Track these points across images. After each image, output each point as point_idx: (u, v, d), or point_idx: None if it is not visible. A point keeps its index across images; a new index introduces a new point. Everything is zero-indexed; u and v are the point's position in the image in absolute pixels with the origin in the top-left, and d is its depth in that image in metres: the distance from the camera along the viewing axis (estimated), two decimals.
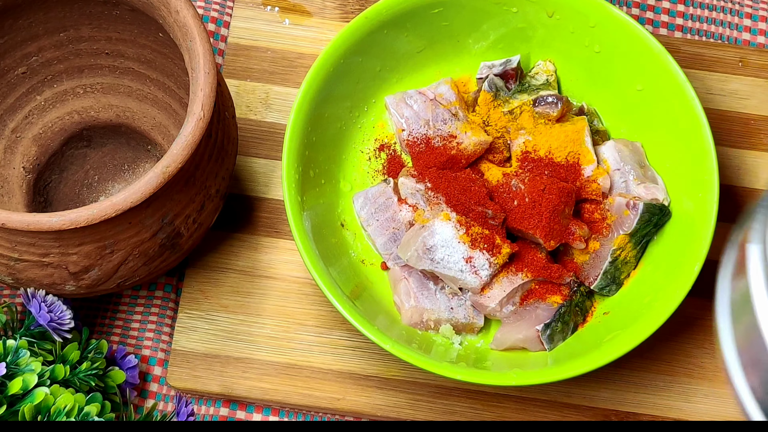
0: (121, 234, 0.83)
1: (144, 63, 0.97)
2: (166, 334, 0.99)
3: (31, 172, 0.99)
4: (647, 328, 0.87)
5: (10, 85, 0.97)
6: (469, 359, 0.91)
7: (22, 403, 0.82)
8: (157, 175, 0.80)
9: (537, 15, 0.96)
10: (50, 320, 0.88)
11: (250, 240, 0.99)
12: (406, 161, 0.98)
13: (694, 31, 1.09)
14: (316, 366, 0.96)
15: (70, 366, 0.88)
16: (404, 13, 0.95)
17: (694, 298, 0.98)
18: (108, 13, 0.94)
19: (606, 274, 0.92)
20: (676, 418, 0.96)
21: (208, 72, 0.82)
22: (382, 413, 0.96)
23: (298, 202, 0.90)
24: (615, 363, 0.88)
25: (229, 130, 0.90)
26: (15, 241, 0.82)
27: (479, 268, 0.90)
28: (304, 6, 1.06)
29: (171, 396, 0.98)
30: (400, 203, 0.95)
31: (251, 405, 0.97)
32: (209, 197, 0.88)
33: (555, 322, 0.91)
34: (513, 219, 0.91)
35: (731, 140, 1.04)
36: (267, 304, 0.98)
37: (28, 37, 0.95)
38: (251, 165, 1.02)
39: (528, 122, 0.95)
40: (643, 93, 0.95)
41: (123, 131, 1.01)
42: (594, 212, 0.94)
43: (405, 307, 0.92)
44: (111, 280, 0.86)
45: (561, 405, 0.96)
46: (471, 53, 1.00)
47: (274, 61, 1.04)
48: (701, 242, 0.89)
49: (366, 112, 0.99)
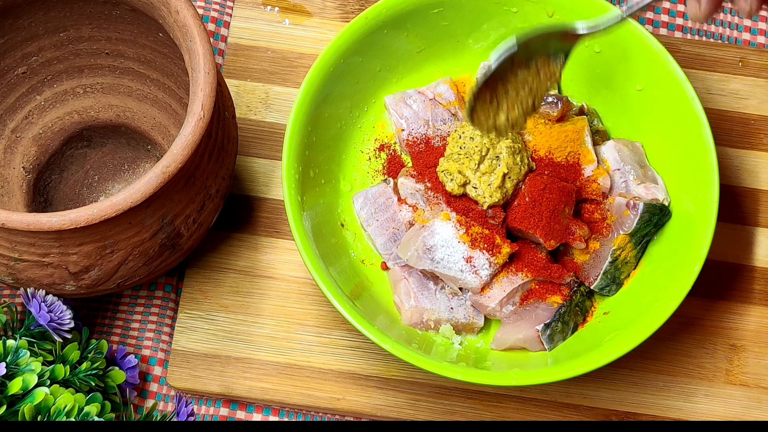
0: (121, 234, 0.83)
1: (144, 63, 0.97)
2: (166, 334, 0.99)
3: (31, 172, 0.99)
4: (647, 328, 0.87)
5: (10, 85, 0.97)
6: (469, 359, 0.91)
7: (22, 403, 0.82)
8: (157, 175, 0.80)
9: (537, 15, 0.96)
10: (50, 320, 0.88)
11: (250, 240, 1.00)
12: (406, 161, 0.98)
13: (694, 31, 1.09)
14: (316, 366, 0.96)
15: (70, 366, 0.88)
16: (404, 13, 0.95)
17: (694, 298, 0.98)
18: (108, 13, 0.94)
19: (606, 274, 0.92)
20: (676, 418, 0.96)
21: (208, 72, 0.82)
22: (382, 413, 0.96)
23: (298, 202, 0.90)
24: (615, 363, 0.88)
25: (229, 130, 0.90)
26: (15, 241, 0.82)
27: (479, 267, 0.90)
28: (304, 6, 1.06)
29: (171, 396, 0.98)
30: (400, 203, 0.95)
31: (251, 405, 0.97)
32: (209, 197, 0.88)
33: (555, 322, 0.91)
34: (513, 218, 0.91)
35: (731, 140, 1.04)
36: (267, 304, 0.98)
37: (28, 37, 0.95)
38: (251, 165, 1.02)
39: (528, 122, 0.95)
40: (643, 93, 0.95)
41: (123, 131, 1.01)
42: (594, 212, 0.94)
43: (405, 307, 0.92)
44: (111, 280, 0.86)
45: (561, 405, 0.96)
46: (471, 53, 1.00)
47: (274, 61, 1.04)
48: (701, 242, 0.89)
49: (366, 112, 0.99)
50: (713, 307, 0.99)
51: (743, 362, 0.98)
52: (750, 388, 0.97)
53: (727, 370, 0.98)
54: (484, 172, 0.91)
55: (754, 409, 0.97)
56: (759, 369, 0.97)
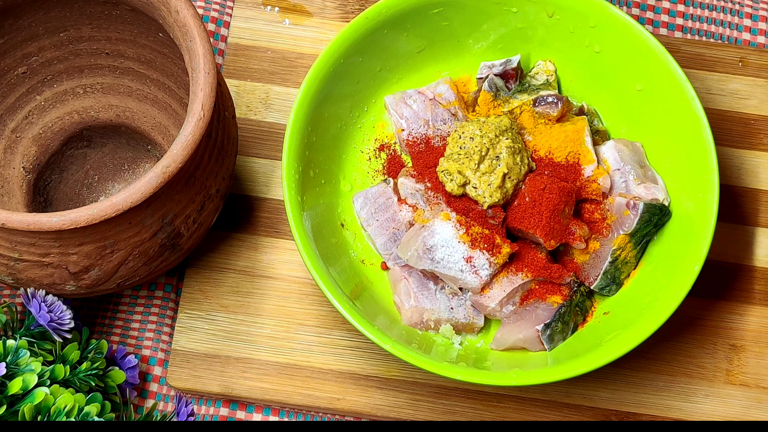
0: (121, 234, 0.83)
1: (144, 63, 0.97)
2: (166, 334, 0.99)
3: (31, 172, 0.99)
4: (647, 328, 0.87)
5: (10, 85, 0.97)
6: (469, 359, 0.91)
7: (22, 403, 0.82)
8: (157, 175, 0.80)
9: (537, 15, 0.96)
10: (50, 320, 0.88)
11: (250, 240, 1.00)
12: (406, 161, 0.98)
13: (694, 31, 1.09)
14: (316, 366, 0.96)
15: (70, 366, 0.88)
16: (404, 13, 0.95)
17: (694, 298, 0.98)
18: (108, 13, 0.94)
19: (606, 274, 0.92)
20: (676, 418, 0.96)
21: (208, 72, 0.82)
22: (382, 413, 0.96)
23: (298, 202, 0.90)
24: (615, 363, 0.88)
25: (229, 130, 0.90)
26: (15, 241, 0.82)
27: (479, 267, 0.90)
28: (304, 6, 1.06)
29: (171, 396, 0.98)
30: (400, 203, 0.95)
31: (251, 405, 0.97)
32: (209, 197, 0.88)
33: (555, 322, 0.91)
34: (513, 218, 0.91)
35: (731, 140, 1.04)
36: (267, 304, 0.98)
37: (28, 37, 0.95)
38: (251, 165, 1.02)
39: (528, 122, 0.95)
40: (643, 93, 0.95)
41: (123, 131, 1.01)
42: (594, 212, 0.94)
43: (405, 307, 0.92)
44: (111, 280, 0.86)
45: (561, 405, 0.97)
46: (471, 53, 1.00)
47: (274, 61, 1.04)
48: (701, 242, 0.89)
49: (366, 112, 0.99)
50: (713, 307, 0.99)
51: (743, 362, 0.98)
52: (750, 388, 0.97)
53: (727, 370, 0.98)
54: (484, 172, 0.91)
55: (754, 409, 0.97)
56: (759, 369, 0.97)
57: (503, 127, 0.92)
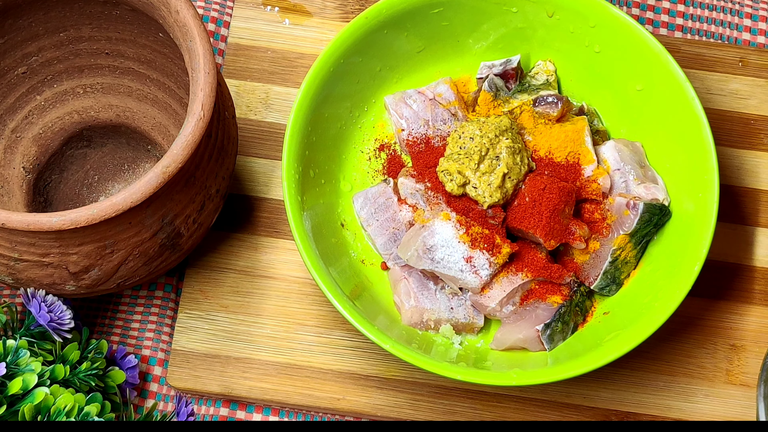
0: (121, 234, 0.83)
1: (144, 63, 0.97)
2: (166, 334, 0.99)
3: (31, 172, 0.99)
4: (647, 328, 0.87)
5: (10, 85, 0.97)
6: (469, 359, 0.91)
7: (22, 403, 0.82)
8: (157, 175, 0.80)
9: (537, 15, 0.96)
10: (50, 320, 0.88)
11: (250, 240, 1.00)
12: (406, 161, 0.98)
13: (694, 31, 1.09)
14: (316, 366, 0.96)
15: (70, 366, 0.88)
16: (404, 13, 0.95)
17: (694, 298, 0.98)
18: (108, 13, 0.94)
19: (606, 274, 0.92)
20: (676, 418, 0.96)
21: (208, 72, 0.82)
22: (382, 413, 0.96)
23: (298, 202, 0.90)
24: (615, 363, 0.88)
25: (229, 130, 0.90)
26: (15, 241, 0.82)
27: (479, 267, 0.90)
28: (304, 6, 1.06)
29: (171, 396, 0.98)
30: (400, 203, 0.95)
31: (251, 405, 0.97)
32: (209, 197, 0.88)
33: (555, 322, 0.91)
34: (513, 218, 0.91)
35: (731, 140, 1.04)
36: (267, 304, 0.98)
37: (28, 37, 0.95)
38: (251, 165, 1.02)
39: (528, 122, 0.95)
40: (643, 93, 0.95)
41: (123, 131, 1.01)
42: (594, 212, 0.94)
43: (405, 307, 0.92)
44: (111, 280, 0.86)
45: (561, 405, 0.97)
46: (471, 53, 1.00)
47: (274, 61, 1.04)
48: (701, 242, 0.89)
49: (366, 112, 0.99)
50: (713, 307, 0.99)
51: (743, 362, 0.98)
52: (750, 388, 0.97)
53: (727, 370, 0.98)
54: (484, 172, 0.91)
55: (754, 409, 0.97)
56: (759, 369, 0.97)
57: (503, 127, 0.92)
